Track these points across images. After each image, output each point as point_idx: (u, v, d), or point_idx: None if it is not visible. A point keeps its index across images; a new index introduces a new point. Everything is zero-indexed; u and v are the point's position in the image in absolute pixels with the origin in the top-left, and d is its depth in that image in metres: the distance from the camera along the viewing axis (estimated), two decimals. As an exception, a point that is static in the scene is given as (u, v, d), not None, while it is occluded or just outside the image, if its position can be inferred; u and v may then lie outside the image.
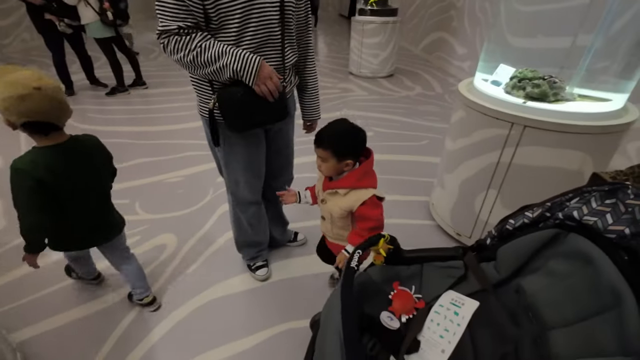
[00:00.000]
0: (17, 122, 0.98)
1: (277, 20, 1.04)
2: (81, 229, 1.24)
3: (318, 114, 1.40)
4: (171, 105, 3.89)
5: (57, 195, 1.09)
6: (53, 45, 3.74)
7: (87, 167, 1.16)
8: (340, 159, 1.03)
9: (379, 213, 1.09)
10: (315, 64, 1.30)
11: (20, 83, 0.95)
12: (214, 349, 1.32)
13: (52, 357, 1.29)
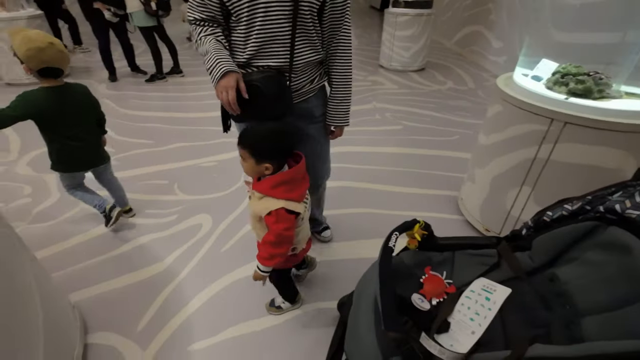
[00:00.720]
0: (35, 68, 1.37)
1: (286, 17, 1.02)
2: (73, 154, 1.63)
3: (343, 119, 1.29)
4: (204, 93, 4.03)
5: (54, 122, 1.48)
6: (99, 32, 3.97)
7: (74, 104, 1.54)
8: (259, 161, 0.97)
9: (282, 228, 0.99)
10: (347, 65, 1.20)
11: (38, 39, 1.34)
12: (246, 321, 1.41)
13: (103, 318, 1.43)
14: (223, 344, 1.33)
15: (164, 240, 1.83)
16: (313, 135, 1.33)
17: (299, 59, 1.10)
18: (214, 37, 1.07)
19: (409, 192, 2.25)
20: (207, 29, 1.08)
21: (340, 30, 1.14)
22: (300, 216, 1.06)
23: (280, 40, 1.05)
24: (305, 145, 1.30)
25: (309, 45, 1.11)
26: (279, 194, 0.99)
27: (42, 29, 4.16)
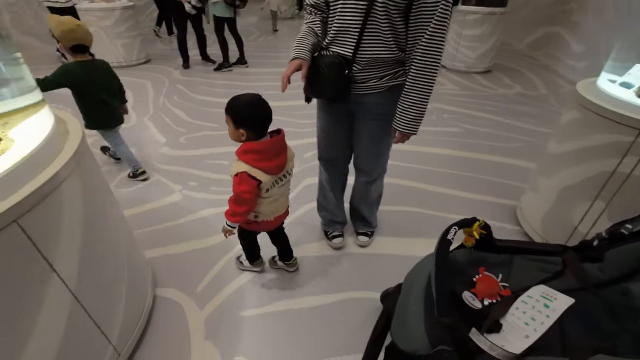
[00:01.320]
0: (68, 45, 1.77)
1: (359, 12, 1.09)
2: (102, 114, 2.03)
3: (407, 127, 1.21)
4: (267, 84, 4.23)
5: (86, 89, 1.89)
6: (180, 23, 4.35)
7: (101, 75, 1.95)
8: (237, 126, 1.10)
9: (241, 190, 1.12)
10: (425, 72, 1.11)
11: (69, 22, 1.73)
12: (289, 299, 1.50)
13: (169, 276, 1.61)
14: (268, 316, 1.44)
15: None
16: (370, 130, 1.37)
17: (363, 54, 1.16)
18: (308, 25, 1.24)
19: (461, 196, 2.18)
20: (309, 17, 1.25)
21: (425, 33, 1.06)
22: (264, 186, 1.15)
23: (350, 32, 1.14)
24: (361, 135, 1.41)
25: (380, 43, 1.13)
26: (247, 159, 1.11)
27: (133, 19, 4.68)
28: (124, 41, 4.62)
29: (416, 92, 1.15)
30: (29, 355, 0.88)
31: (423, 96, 1.16)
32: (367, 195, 1.69)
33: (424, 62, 1.10)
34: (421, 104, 1.17)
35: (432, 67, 1.11)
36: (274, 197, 1.24)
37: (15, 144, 0.92)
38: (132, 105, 3.53)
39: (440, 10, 1.02)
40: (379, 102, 1.27)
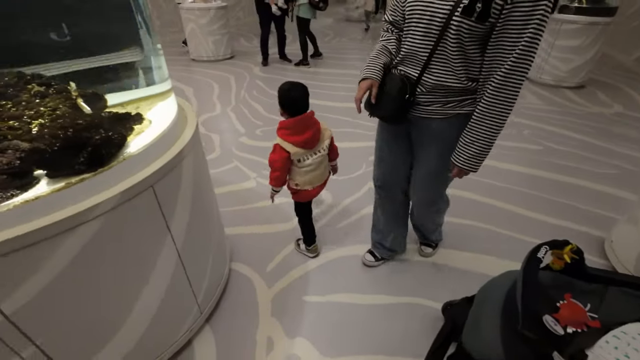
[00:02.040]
0: None
1: (429, 37, 1.04)
2: None
3: (466, 163, 1.11)
4: (336, 84, 4.34)
5: None
6: (264, 23, 4.67)
7: None
8: (281, 108, 1.38)
9: (272, 158, 1.40)
10: (494, 106, 0.99)
11: None
12: (351, 293, 1.56)
13: (242, 253, 1.78)
14: (330, 305, 1.51)
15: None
16: (427, 155, 1.27)
17: (428, 79, 1.10)
18: (382, 43, 1.21)
19: (538, 219, 2.04)
20: (385, 34, 1.22)
21: (504, 62, 0.94)
22: (294, 157, 1.40)
23: (417, 55, 1.09)
24: (419, 162, 1.32)
25: (447, 71, 1.06)
26: (280, 134, 1.38)
27: (224, 18, 5.14)
28: (215, 37, 5.10)
29: (483, 126, 1.03)
30: (144, 299, 1.06)
31: (491, 132, 1.03)
32: (424, 222, 1.64)
33: (498, 95, 0.97)
34: (487, 140, 1.04)
35: (508, 101, 0.98)
36: (307, 168, 1.46)
37: (151, 124, 1.11)
38: (217, 96, 3.90)
39: (529, 35, 0.88)
40: (442, 128, 1.17)
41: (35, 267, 0.79)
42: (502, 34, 0.92)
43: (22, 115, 1.04)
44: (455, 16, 0.95)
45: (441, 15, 0.98)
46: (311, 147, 1.41)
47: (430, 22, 1.01)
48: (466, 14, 0.93)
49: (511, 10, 0.88)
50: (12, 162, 0.77)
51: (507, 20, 0.90)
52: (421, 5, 1.02)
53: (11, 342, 0.86)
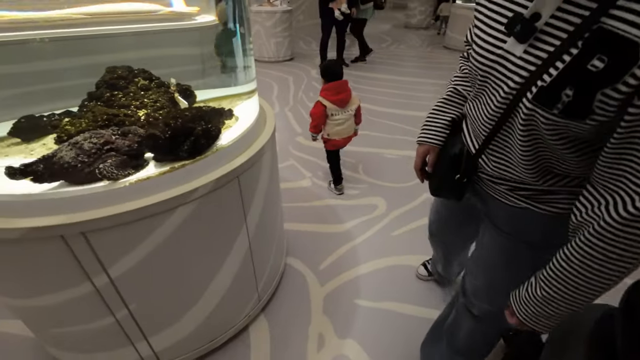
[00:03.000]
0: None
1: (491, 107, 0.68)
2: None
3: (533, 320, 0.70)
4: (390, 90, 4.30)
5: None
6: (326, 27, 4.77)
7: None
8: (322, 77, 2.01)
9: (313, 112, 1.98)
10: (613, 249, 0.55)
11: None
12: (403, 303, 1.54)
13: (298, 248, 1.84)
14: (380, 312, 1.51)
15: (346, 207, 2.16)
16: (491, 245, 0.89)
17: (486, 162, 0.77)
18: (455, 83, 0.94)
19: None
20: (461, 67, 0.94)
21: (631, 193, 0.52)
22: (328, 111, 1.97)
23: (478, 124, 0.74)
24: (481, 241, 0.94)
25: (509, 161, 0.71)
26: (322, 94, 1.96)
27: (288, 22, 5.35)
28: (277, 40, 5.32)
29: (573, 283, 0.61)
30: (217, 279, 1.15)
31: (583, 296, 0.62)
32: (457, 333, 1.09)
33: (616, 241, 0.54)
34: (572, 304, 0.64)
35: (628, 256, 0.54)
36: (337, 122, 2.01)
37: (238, 121, 1.20)
38: (276, 95, 4.06)
39: None
40: (510, 218, 0.80)
41: (140, 239, 0.90)
42: (631, 148, 0.51)
43: (130, 105, 1.18)
44: (527, 99, 0.58)
45: (510, 86, 0.61)
46: (342, 106, 1.98)
47: (497, 87, 0.65)
48: (542, 102, 0.56)
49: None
50: (132, 145, 0.88)
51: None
52: (488, 54, 0.65)
53: (110, 302, 0.98)
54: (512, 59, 0.61)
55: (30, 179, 0.78)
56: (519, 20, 0.58)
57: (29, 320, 1.11)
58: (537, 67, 0.57)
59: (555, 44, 0.55)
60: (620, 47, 0.48)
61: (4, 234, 0.79)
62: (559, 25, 0.55)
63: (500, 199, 0.79)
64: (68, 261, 0.85)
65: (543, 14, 0.56)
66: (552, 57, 0.55)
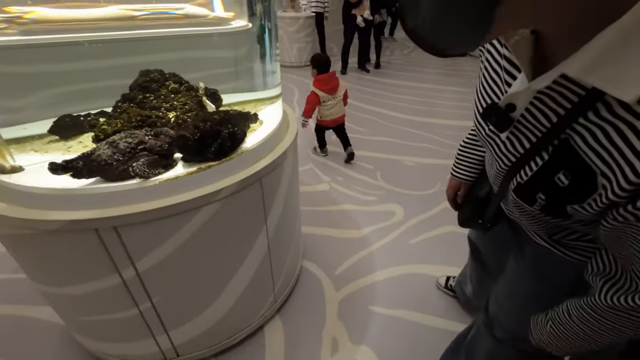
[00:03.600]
0: None
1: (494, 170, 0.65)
2: None
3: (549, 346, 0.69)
4: (409, 97, 4.27)
5: None
6: (348, 34, 4.82)
7: None
8: (313, 68, 2.48)
9: (308, 99, 2.48)
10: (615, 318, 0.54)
11: None
12: (418, 312, 1.53)
13: (314, 252, 1.85)
14: (396, 320, 1.50)
15: (363, 213, 2.16)
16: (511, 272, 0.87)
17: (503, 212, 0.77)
18: None
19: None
20: None
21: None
22: (321, 99, 2.48)
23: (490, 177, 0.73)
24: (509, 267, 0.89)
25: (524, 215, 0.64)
26: (315, 84, 2.47)
27: (311, 27, 5.44)
28: (299, 45, 5.41)
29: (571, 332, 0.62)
30: (237, 277, 1.18)
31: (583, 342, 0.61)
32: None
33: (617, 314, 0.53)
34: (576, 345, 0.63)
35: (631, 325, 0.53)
36: (328, 106, 2.53)
37: (263, 125, 1.23)
38: (297, 100, 4.12)
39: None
40: (535, 255, 0.77)
41: (167, 236, 0.94)
42: (621, 246, 0.47)
43: (161, 107, 1.24)
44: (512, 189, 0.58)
45: (502, 165, 0.60)
46: (332, 94, 2.49)
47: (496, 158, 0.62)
48: (521, 197, 0.56)
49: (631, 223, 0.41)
50: (163, 145, 0.93)
51: (626, 233, 0.43)
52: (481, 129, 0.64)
53: (136, 295, 1.02)
54: (499, 141, 0.59)
55: (70, 174, 0.84)
56: (494, 111, 0.55)
57: (59, 307, 1.18)
58: (517, 159, 0.55)
59: (532, 140, 0.51)
60: (581, 169, 0.44)
61: (44, 225, 0.84)
62: (532, 122, 0.51)
63: (527, 233, 0.76)
64: (100, 254, 0.90)
65: (518, 106, 0.52)
66: (528, 155, 0.52)
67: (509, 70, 0.54)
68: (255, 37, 1.29)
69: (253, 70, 1.37)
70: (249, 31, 1.33)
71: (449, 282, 1.62)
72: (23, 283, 1.61)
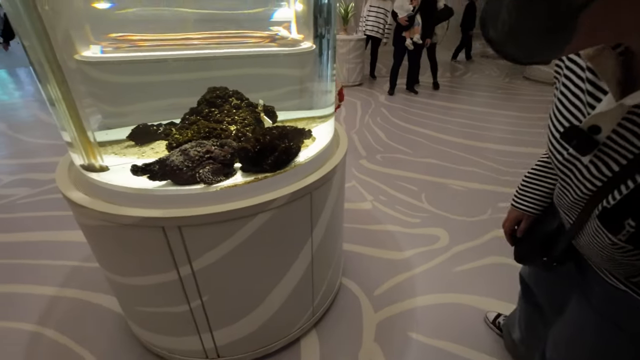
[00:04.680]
0: None
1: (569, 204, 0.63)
2: None
3: None
4: (459, 120, 4.15)
5: None
6: (397, 55, 4.86)
7: None
8: None
9: None
10: None
11: None
12: (459, 344, 1.44)
13: (353, 270, 1.84)
14: (436, 350, 1.42)
15: (406, 235, 2.11)
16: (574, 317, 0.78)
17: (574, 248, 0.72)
18: None
19: None
20: None
21: None
22: None
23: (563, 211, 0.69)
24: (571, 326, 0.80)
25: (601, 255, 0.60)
26: None
27: (361, 49, 5.59)
28: (349, 66, 5.56)
29: None
30: (279, 288, 1.22)
31: None
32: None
33: None
34: None
35: None
36: None
37: (315, 141, 1.29)
38: (344, 118, 4.20)
39: None
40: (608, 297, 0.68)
41: (223, 239, 1.00)
42: None
43: (223, 120, 1.35)
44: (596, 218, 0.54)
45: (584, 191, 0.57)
46: None
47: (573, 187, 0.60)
48: (606, 226, 0.52)
49: None
50: (226, 155, 1.01)
51: None
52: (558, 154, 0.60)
53: (188, 292, 1.10)
54: (580, 166, 0.56)
55: (147, 176, 0.94)
56: (575, 134, 0.52)
57: (121, 295, 1.30)
58: (603, 184, 0.51)
59: (621, 163, 0.48)
60: None
61: (120, 219, 0.95)
62: (622, 144, 0.48)
63: (598, 272, 0.68)
64: (163, 249, 0.99)
65: (603, 128, 0.49)
66: (617, 178, 0.49)
67: (593, 93, 0.52)
68: (317, 57, 1.37)
69: (312, 89, 1.45)
70: (312, 52, 1.42)
71: (498, 319, 1.51)
72: (92, 271, 1.79)
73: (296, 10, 1.53)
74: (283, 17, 1.52)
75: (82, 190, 1.05)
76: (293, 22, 1.53)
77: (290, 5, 1.53)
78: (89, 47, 1.28)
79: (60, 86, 0.92)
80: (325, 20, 1.34)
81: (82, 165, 1.06)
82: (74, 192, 1.03)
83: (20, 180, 2.72)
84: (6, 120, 4.06)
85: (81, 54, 1.23)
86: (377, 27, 5.40)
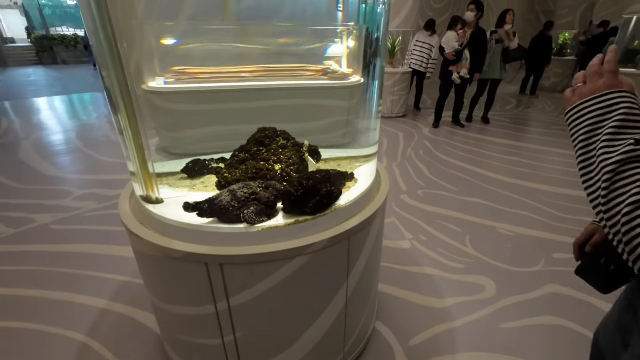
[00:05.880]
0: None
1: None
2: None
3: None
4: (508, 157, 3.92)
5: None
6: (444, 89, 4.81)
7: None
8: None
9: None
10: None
11: None
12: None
13: (388, 314, 1.76)
14: (478, 419, 1.29)
15: (447, 281, 1.99)
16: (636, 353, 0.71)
17: None
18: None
19: None
20: None
21: None
22: None
23: None
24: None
25: None
26: None
27: (406, 82, 5.62)
28: (394, 97, 5.60)
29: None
30: (311, 331, 1.20)
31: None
32: None
33: None
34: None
35: None
36: None
37: (357, 183, 1.29)
38: (385, 150, 4.18)
39: None
40: None
41: (261, 279, 1.02)
42: None
43: (270, 159, 1.41)
44: None
45: None
46: None
47: None
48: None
49: None
50: (270, 197, 1.05)
51: None
52: None
53: (224, 327, 1.12)
54: None
55: (196, 213, 1.01)
56: None
57: (160, 319, 1.35)
58: None
59: None
60: None
61: (168, 252, 1.01)
62: None
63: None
64: (204, 284, 1.03)
65: None
66: None
67: None
68: (365, 91, 1.40)
69: (357, 125, 1.48)
70: (360, 85, 1.47)
71: None
72: (140, 288, 1.91)
73: (348, 46, 1.61)
74: (335, 52, 1.61)
75: (138, 218, 1.15)
76: (344, 57, 1.61)
77: (343, 41, 1.61)
78: (154, 79, 1.44)
79: (128, 113, 1.01)
80: (374, 54, 1.37)
81: (141, 196, 1.16)
82: (132, 221, 1.13)
83: (89, 195, 3.03)
84: (84, 138, 4.60)
85: (148, 85, 1.39)
86: (422, 61, 5.45)
